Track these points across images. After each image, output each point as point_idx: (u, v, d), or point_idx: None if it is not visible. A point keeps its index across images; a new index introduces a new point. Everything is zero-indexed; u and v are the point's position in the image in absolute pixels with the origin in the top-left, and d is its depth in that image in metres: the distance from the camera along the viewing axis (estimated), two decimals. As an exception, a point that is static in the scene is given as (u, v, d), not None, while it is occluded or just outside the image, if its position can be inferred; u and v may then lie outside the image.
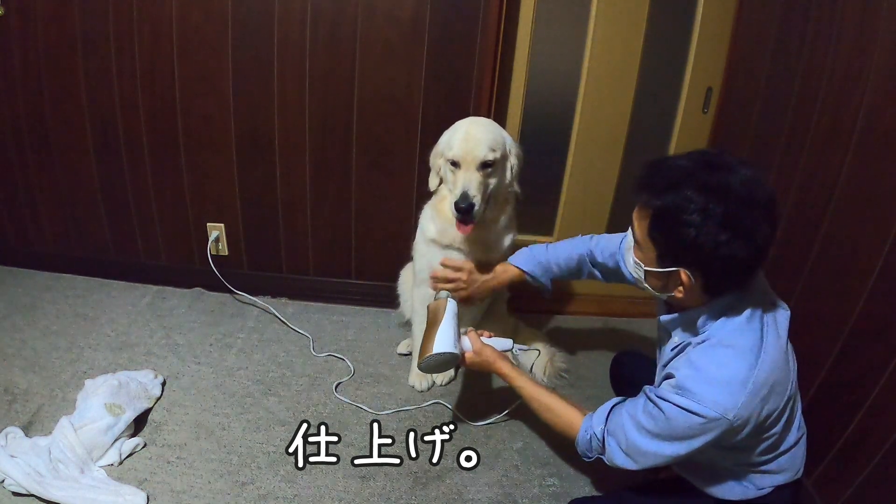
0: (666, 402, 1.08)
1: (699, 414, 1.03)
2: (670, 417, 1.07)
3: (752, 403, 1.04)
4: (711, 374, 1.05)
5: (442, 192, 1.64)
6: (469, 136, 1.53)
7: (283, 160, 2.13)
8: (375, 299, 2.30)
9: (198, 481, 1.48)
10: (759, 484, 1.22)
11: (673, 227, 1.03)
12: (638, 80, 2.12)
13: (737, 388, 1.03)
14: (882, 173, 1.26)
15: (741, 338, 1.07)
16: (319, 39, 1.95)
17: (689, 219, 0.99)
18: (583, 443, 1.26)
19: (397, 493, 1.50)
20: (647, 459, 1.14)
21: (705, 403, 1.03)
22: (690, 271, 1.05)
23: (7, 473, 1.38)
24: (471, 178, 1.51)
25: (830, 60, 1.49)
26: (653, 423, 1.11)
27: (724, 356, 1.06)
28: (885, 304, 1.22)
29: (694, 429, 1.06)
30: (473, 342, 1.47)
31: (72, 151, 2.20)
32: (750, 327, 1.08)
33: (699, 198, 0.99)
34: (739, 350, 1.06)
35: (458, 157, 1.52)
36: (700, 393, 1.04)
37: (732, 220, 0.98)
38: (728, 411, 1.02)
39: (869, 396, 1.23)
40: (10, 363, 1.85)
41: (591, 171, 2.27)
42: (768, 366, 1.06)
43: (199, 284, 2.37)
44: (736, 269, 1.03)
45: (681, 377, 1.07)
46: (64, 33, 2.01)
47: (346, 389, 1.86)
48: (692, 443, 1.07)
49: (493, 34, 1.91)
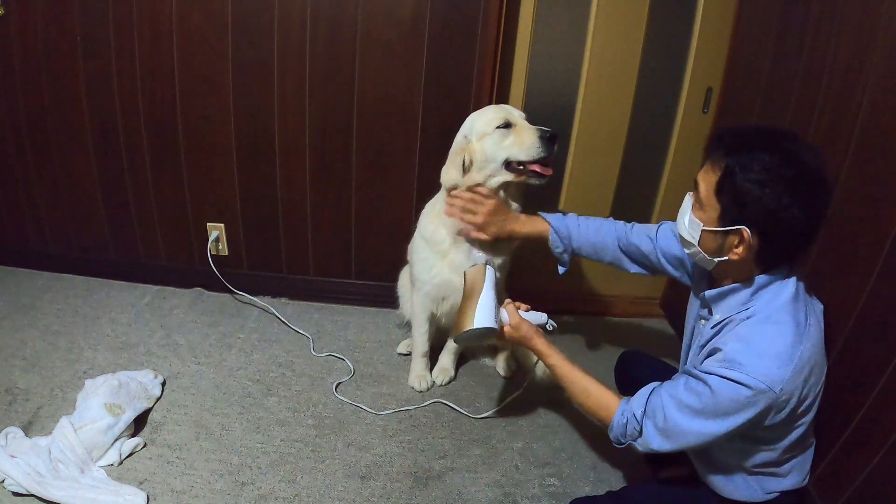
0: (713, 376, 1.08)
1: (748, 385, 1.04)
2: (717, 391, 1.07)
3: (797, 380, 1.07)
4: (762, 348, 1.06)
5: (474, 180, 1.57)
6: (499, 105, 1.62)
7: (283, 160, 2.13)
8: (375, 299, 2.30)
9: (198, 481, 1.48)
10: (767, 487, 1.23)
11: (742, 184, 1.05)
12: (638, 80, 2.12)
13: (785, 361, 1.05)
14: (882, 173, 1.26)
15: (787, 315, 1.10)
16: (319, 40, 1.95)
17: (759, 177, 1.03)
18: (618, 427, 1.23)
19: (397, 493, 1.50)
20: (686, 439, 1.13)
21: (755, 374, 1.04)
22: (749, 233, 1.07)
23: (7, 473, 1.38)
24: (530, 126, 1.56)
25: (830, 60, 1.49)
26: (696, 400, 1.10)
27: (773, 331, 1.08)
28: (885, 304, 1.22)
29: (740, 402, 1.06)
30: (511, 315, 1.43)
31: (72, 151, 2.20)
32: (796, 306, 1.11)
33: (772, 159, 1.03)
34: (787, 326, 1.08)
35: (508, 117, 1.57)
36: (749, 364, 1.05)
37: (799, 186, 1.02)
38: (775, 384, 1.04)
39: (869, 396, 1.23)
40: (10, 363, 1.85)
41: (591, 171, 2.27)
42: (811, 344, 1.09)
43: (199, 284, 2.37)
44: (792, 237, 1.07)
45: (729, 350, 1.08)
46: (64, 33, 2.01)
47: (346, 389, 1.86)
48: (736, 419, 1.07)
49: (493, 34, 1.91)
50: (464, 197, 1.60)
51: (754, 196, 1.04)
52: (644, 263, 1.53)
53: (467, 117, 1.63)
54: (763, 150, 1.05)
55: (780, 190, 1.02)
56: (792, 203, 1.02)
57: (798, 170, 1.03)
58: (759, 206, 1.04)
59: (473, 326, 1.37)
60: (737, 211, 1.07)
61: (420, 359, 1.90)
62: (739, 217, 1.07)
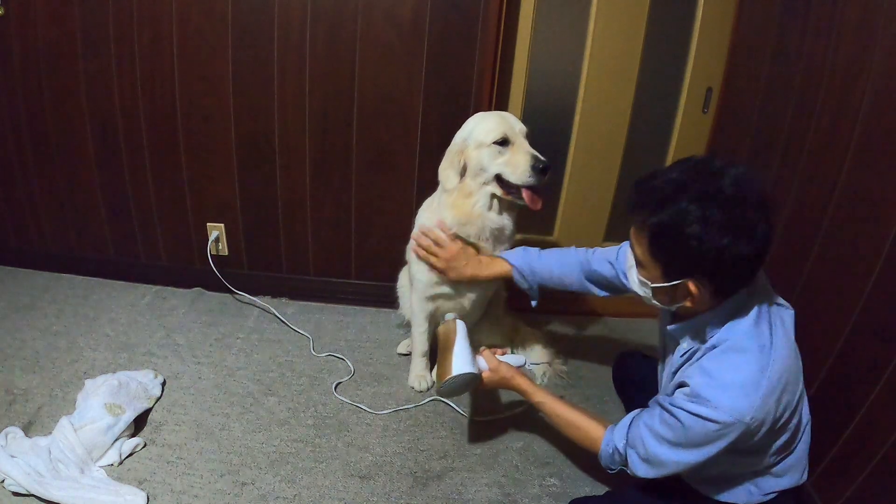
0: (681, 411, 1.08)
1: (715, 420, 1.04)
2: (687, 426, 1.08)
3: (767, 405, 1.05)
4: (725, 380, 1.05)
5: (466, 187, 1.58)
6: (502, 115, 1.58)
7: (283, 160, 2.13)
8: (375, 299, 2.30)
9: (198, 481, 1.48)
10: (765, 488, 1.23)
11: (674, 242, 1.03)
12: (638, 80, 2.12)
13: (750, 390, 1.04)
14: (882, 173, 1.26)
15: (751, 340, 1.08)
16: (319, 39, 1.95)
17: (690, 230, 1.00)
18: (606, 457, 1.27)
19: (397, 493, 1.50)
20: (668, 468, 1.15)
21: (721, 409, 1.03)
22: (698, 280, 1.06)
23: (7, 473, 1.38)
24: (528, 147, 1.55)
25: (830, 60, 1.49)
26: (670, 433, 1.12)
27: (736, 361, 1.06)
28: (885, 304, 1.22)
29: (710, 435, 1.06)
30: (489, 360, 1.48)
31: (72, 151, 2.20)
32: (758, 329, 1.09)
33: (695, 207, 0.99)
34: (750, 353, 1.06)
35: (507, 133, 1.54)
36: (715, 399, 1.04)
37: (731, 222, 0.98)
38: (744, 415, 1.03)
39: (869, 396, 1.23)
40: (10, 363, 1.85)
41: (590, 171, 2.27)
42: (780, 365, 1.06)
43: (199, 284, 2.37)
44: (742, 268, 1.04)
45: (694, 385, 1.08)
46: (64, 33, 2.01)
47: (346, 389, 1.86)
48: (710, 448, 1.08)
49: (493, 34, 1.91)
50: (429, 236, 1.64)
51: (691, 250, 1.01)
52: (609, 288, 1.53)
53: (470, 118, 1.62)
54: (682, 199, 1.00)
55: (717, 235, 0.98)
56: (733, 241, 0.98)
57: (724, 207, 0.98)
58: (698, 258, 1.02)
59: (452, 374, 1.42)
60: (678, 267, 1.06)
61: (420, 359, 1.90)
62: (682, 271, 1.06)
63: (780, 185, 1.67)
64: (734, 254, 0.99)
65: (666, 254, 1.07)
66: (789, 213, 1.61)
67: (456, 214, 1.60)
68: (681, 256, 1.04)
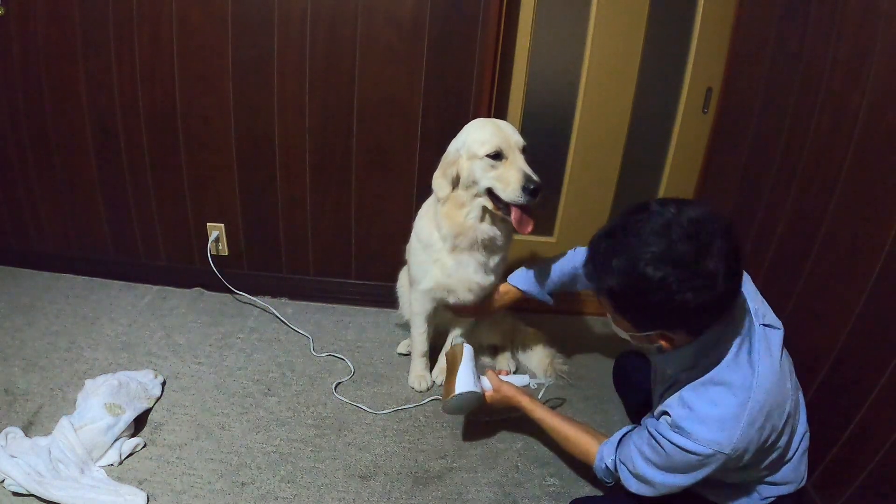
0: (665, 440, 1.11)
1: (695, 452, 1.07)
2: (669, 454, 1.11)
3: (749, 435, 1.06)
4: (704, 413, 1.06)
5: (458, 198, 1.58)
6: (498, 126, 1.54)
7: (283, 160, 2.13)
8: (375, 299, 2.30)
9: (198, 481, 1.48)
10: (764, 493, 1.24)
11: (633, 303, 1.04)
12: (638, 80, 2.12)
13: (730, 424, 1.05)
14: (882, 173, 1.26)
15: (731, 373, 1.08)
16: (319, 39, 1.95)
17: (649, 297, 0.99)
18: (599, 470, 1.32)
19: (397, 493, 1.50)
20: (658, 489, 1.18)
21: (700, 442, 1.06)
22: (667, 330, 1.08)
23: (7, 473, 1.38)
24: (522, 163, 1.50)
25: (830, 60, 1.49)
26: (657, 457, 1.15)
27: (716, 394, 1.07)
28: (885, 304, 1.22)
29: (693, 464, 1.09)
30: (492, 380, 1.56)
31: (72, 151, 2.20)
32: (738, 361, 1.09)
33: (650, 270, 0.97)
34: (730, 387, 1.07)
35: (502, 146, 1.50)
36: (695, 432, 1.06)
37: (690, 280, 0.96)
38: (723, 447, 1.05)
39: (869, 396, 1.23)
40: (10, 363, 1.85)
41: (591, 171, 2.27)
42: (763, 396, 1.07)
43: (199, 284, 2.37)
44: (710, 312, 1.03)
45: (675, 416, 1.10)
46: (64, 33, 2.01)
47: (346, 389, 1.86)
48: (696, 474, 1.11)
49: (493, 34, 1.91)
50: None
51: (653, 310, 1.02)
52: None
53: (468, 124, 1.59)
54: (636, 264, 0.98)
55: (676, 292, 0.96)
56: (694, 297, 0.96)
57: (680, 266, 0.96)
58: (662, 315, 1.03)
59: (456, 393, 1.50)
60: (646, 324, 1.08)
61: (420, 359, 1.90)
62: (651, 326, 1.08)
63: (780, 185, 1.67)
64: (697, 304, 0.98)
65: (629, 313, 1.08)
66: (789, 212, 1.61)
67: (449, 225, 1.60)
68: (646, 316, 1.06)
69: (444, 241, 1.64)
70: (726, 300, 1.02)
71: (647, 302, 1.00)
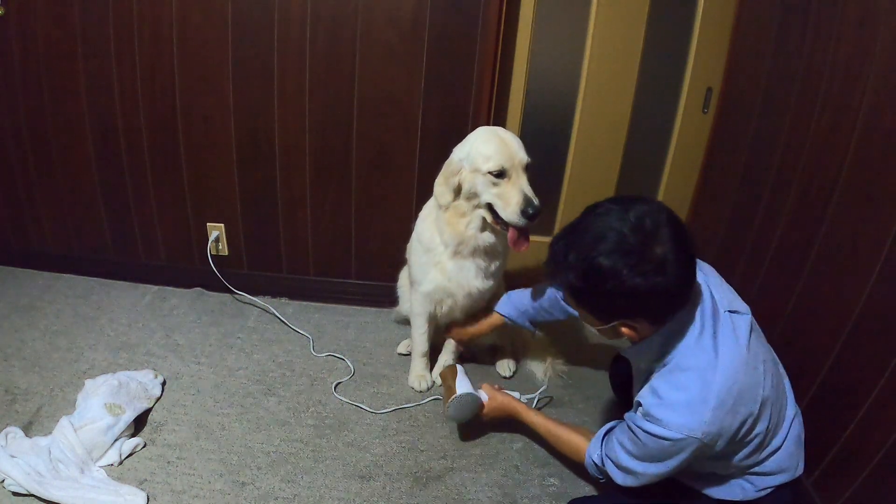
0: (639, 429, 1.16)
1: (666, 438, 1.10)
2: (644, 442, 1.15)
3: (719, 417, 1.08)
4: (672, 400, 1.11)
5: (460, 207, 1.58)
6: (504, 141, 1.50)
7: (283, 160, 2.13)
8: (375, 299, 2.30)
9: (198, 481, 1.48)
10: (759, 484, 1.24)
11: (591, 294, 1.11)
12: (638, 80, 2.12)
13: (698, 407, 1.08)
14: (882, 173, 1.26)
15: (694, 358, 1.12)
16: (319, 39, 1.95)
17: (603, 284, 1.05)
18: (589, 467, 1.37)
19: (397, 493, 1.50)
20: (640, 479, 1.22)
21: (670, 427, 1.09)
22: (628, 319, 1.13)
23: (7, 473, 1.38)
24: (524, 183, 1.49)
25: (830, 60, 1.49)
26: (634, 448, 1.19)
27: (681, 380, 1.11)
28: (885, 304, 1.22)
29: (667, 451, 1.12)
30: (487, 391, 1.63)
31: (72, 151, 2.20)
32: (700, 346, 1.12)
33: (602, 259, 1.04)
34: (695, 371, 1.11)
35: (506, 165, 1.48)
36: (664, 418, 1.10)
37: (639, 265, 1.02)
38: (694, 431, 1.08)
39: (869, 396, 1.23)
40: (10, 363, 1.85)
41: (591, 171, 2.27)
42: (728, 378, 1.09)
43: (199, 284, 2.37)
44: (664, 294, 1.07)
45: (646, 405, 1.14)
46: (64, 33, 2.01)
47: (346, 389, 1.86)
48: (672, 462, 1.14)
49: (493, 34, 1.91)
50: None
51: (609, 298, 1.08)
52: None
53: (472, 132, 1.58)
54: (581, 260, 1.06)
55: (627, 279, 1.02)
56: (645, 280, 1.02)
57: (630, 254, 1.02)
58: (619, 302, 1.08)
59: (457, 393, 1.57)
60: (606, 313, 1.14)
61: (420, 359, 1.90)
62: (611, 316, 1.14)
63: (781, 185, 1.67)
64: (651, 289, 1.03)
65: (589, 305, 1.15)
66: (790, 212, 1.61)
67: (450, 232, 1.61)
68: (603, 305, 1.12)
69: (445, 247, 1.65)
70: (680, 285, 1.07)
71: (602, 290, 1.06)
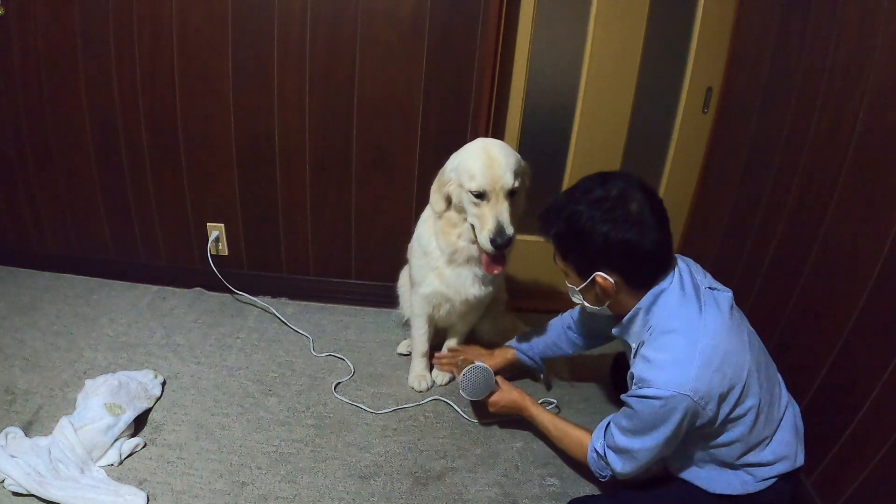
0: (632, 398, 1.19)
1: (657, 397, 1.13)
2: (637, 410, 1.18)
3: (706, 374, 1.12)
4: (660, 361, 1.15)
5: (451, 218, 1.58)
6: (492, 161, 1.45)
7: (283, 160, 2.13)
8: (375, 299, 2.30)
9: (198, 481, 1.48)
10: (759, 475, 1.25)
11: (571, 241, 1.23)
12: (638, 80, 2.12)
13: (684, 364, 1.13)
14: (882, 173, 1.26)
15: (677, 320, 1.18)
16: (319, 39, 1.95)
17: (578, 226, 1.19)
18: (592, 462, 1.39)
19: (397, 493, 1.50)
20: (638, 458, 1.23)
21: (659, 385, 1.13)
22: (603, 272, 1.22)
23: (7, 473, 1.38)
24: (502, 210, 1.46)
25: (830, 60, 1.49)
26: (629, 422, 1.22)
27: (666, 341, 1.17)
28: (885, 304, 1.22)
29: (658, 413, 1.15)
30: (501, 383, 1.65)
31: (72, 152, 2.20)
32: (684, 309, 1.19)
33: (583, 208, 1.19)
34: (679, 331, 1.17)
35: (485, 188, 1.45)
36: (653, 379, 1.14)
37: (612, 213, 1.16)
38: (682, 387, 1.11)
39: (869, 396, 1.23)
40: (10, 363, 1.85)
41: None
42: (712, 337, 1.15)
43: (199, 284, 2.37)
44: (638, 253, 1.17)
45: (638, 372, 1.21)
46: (64, 34, 2.01)
47: (346, 389, 1.86)
48: (665, 428, 1.16)
49: (493, 34, 1.91)
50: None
51: (584, 243, 1.20)
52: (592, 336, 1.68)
53: (467, 145, 1.56)
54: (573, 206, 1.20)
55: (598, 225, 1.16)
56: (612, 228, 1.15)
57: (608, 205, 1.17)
58: (592, 249, 1.19)
59: (475, 364, 1.62)
60: (583, 263, 1.24)
61: (420, 359, 1.90)
62: (588, 265, 1.23)
63: (780, 185, 1.67)
64: (619, 239, 1.16)
65: (571, 254, 1.26)
66: (789, 212, 1.61)
67: (444, 241, 1.63)
68: (579, 252, 1.23)
69: (441, 252, 1.65)
70: (654, 243, 1.17)
71: (579, 235, 1.19)
